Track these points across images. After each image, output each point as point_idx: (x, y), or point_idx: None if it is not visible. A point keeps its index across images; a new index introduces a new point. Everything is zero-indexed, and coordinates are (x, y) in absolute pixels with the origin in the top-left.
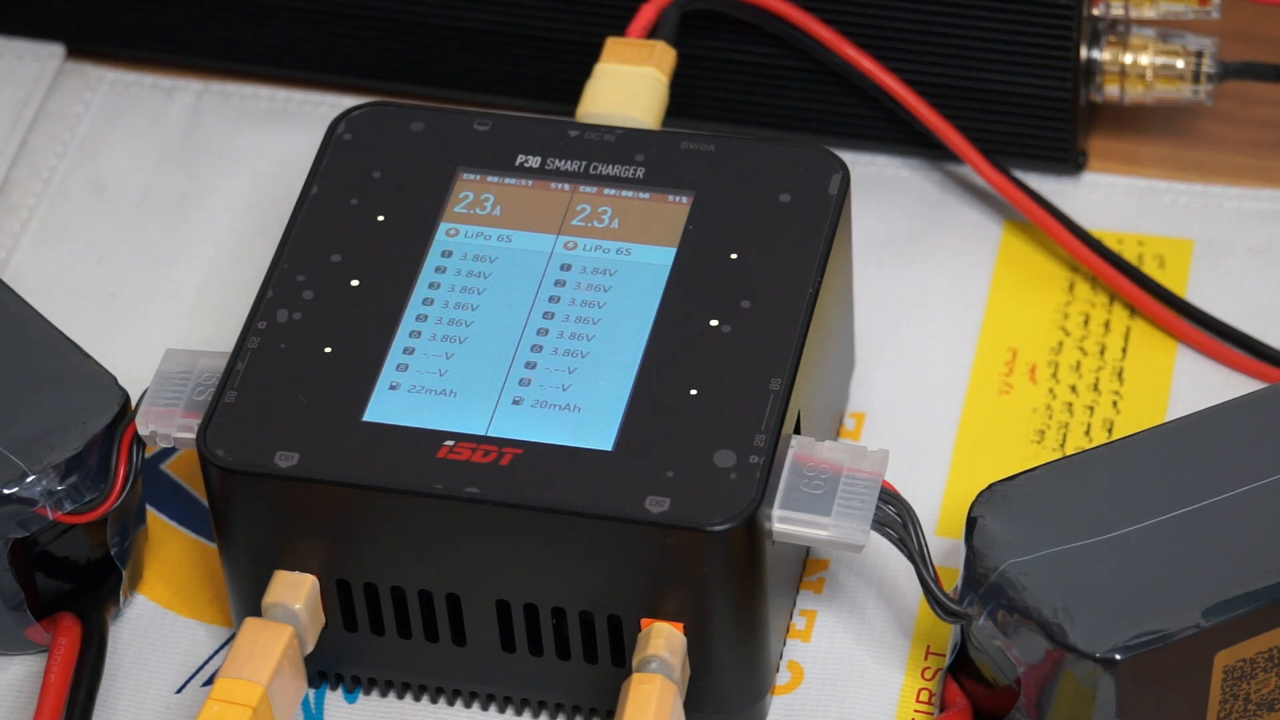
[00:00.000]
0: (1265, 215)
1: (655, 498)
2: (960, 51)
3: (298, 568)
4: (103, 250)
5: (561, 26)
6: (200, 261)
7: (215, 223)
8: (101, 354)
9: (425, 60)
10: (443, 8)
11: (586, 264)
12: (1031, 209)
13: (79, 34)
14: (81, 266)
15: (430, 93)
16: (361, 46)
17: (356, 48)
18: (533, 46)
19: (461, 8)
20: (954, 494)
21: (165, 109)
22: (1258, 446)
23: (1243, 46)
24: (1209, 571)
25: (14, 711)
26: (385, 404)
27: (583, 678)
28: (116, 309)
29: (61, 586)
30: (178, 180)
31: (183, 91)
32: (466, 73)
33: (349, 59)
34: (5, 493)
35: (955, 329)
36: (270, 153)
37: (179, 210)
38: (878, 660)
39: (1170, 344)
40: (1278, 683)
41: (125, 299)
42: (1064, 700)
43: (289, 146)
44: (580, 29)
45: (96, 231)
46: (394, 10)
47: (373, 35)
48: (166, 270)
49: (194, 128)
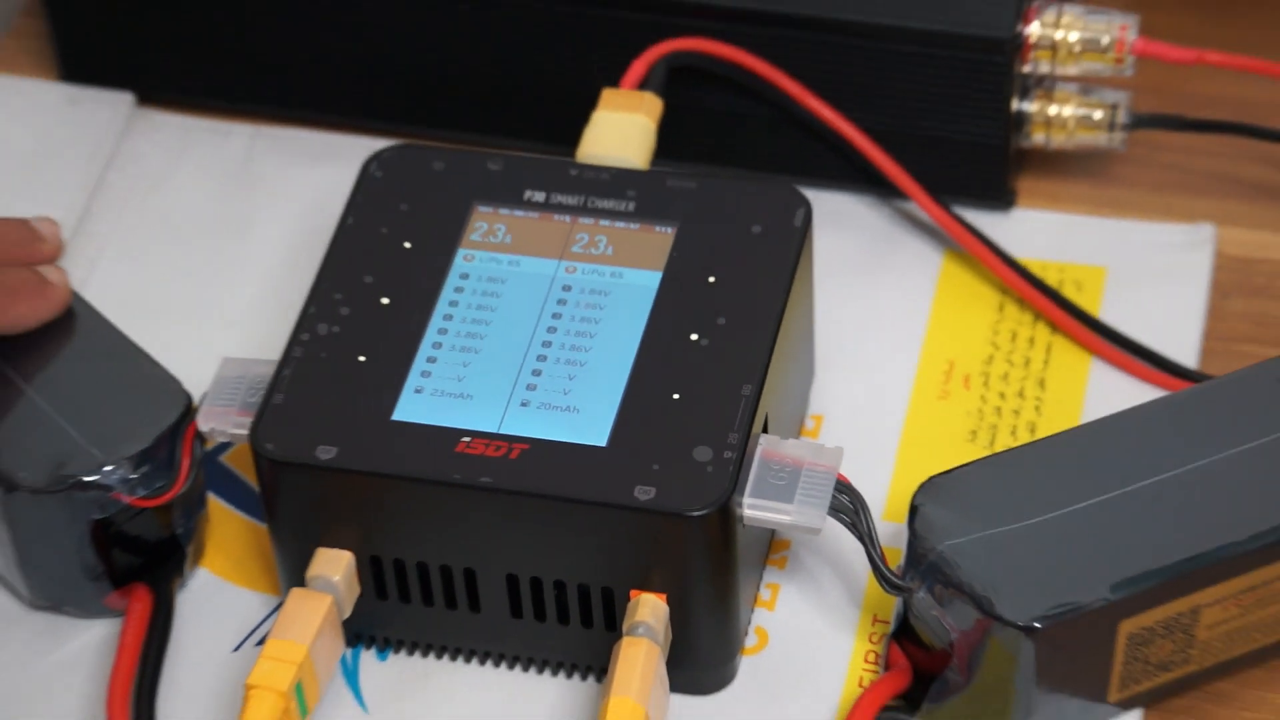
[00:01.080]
0: (1169, 247)
1: (643, 487)
2: (907, 103)
3: (336, 545)
4: (168, 271)
5: (564, 79)
6: (252, 281)
7: (264, 248)
8: (168, 361)
9: (445, 108)
10: (459, 63)
11: (584, 285)
12: (968, 240)
13: (147, 84)
14: (150, 286)
15: (450, 136)
16: (391, 96)
17: (387, 97)
18: (538, 96)
19: (476, 62)
20: (899, 485)
21: (222, 149)
22: (1161, 445)
23: (1152, 100)
24: (1117, 552)
25: (95, 667)
26: (411, 405)
27: (580, 640)
28: (180, 322)
29: (135, 561)
30: (232, 211)
31: (237, 134)
32: (481, 119)
33: (380, 107)
34: (86, 480)
35: (901, 343)
36: (312, 188)
37: (233, 237)
38: (832, 626)
39: (1085, 357)
40: (1172, 647)
41: (187, 314)
42: (990, 662)
43: (328, 182)
44: (580, 81)
45: (163, 255)
46: (418, 65)
47: (400, 86)
48: (223, 289)
49: (247, 166)
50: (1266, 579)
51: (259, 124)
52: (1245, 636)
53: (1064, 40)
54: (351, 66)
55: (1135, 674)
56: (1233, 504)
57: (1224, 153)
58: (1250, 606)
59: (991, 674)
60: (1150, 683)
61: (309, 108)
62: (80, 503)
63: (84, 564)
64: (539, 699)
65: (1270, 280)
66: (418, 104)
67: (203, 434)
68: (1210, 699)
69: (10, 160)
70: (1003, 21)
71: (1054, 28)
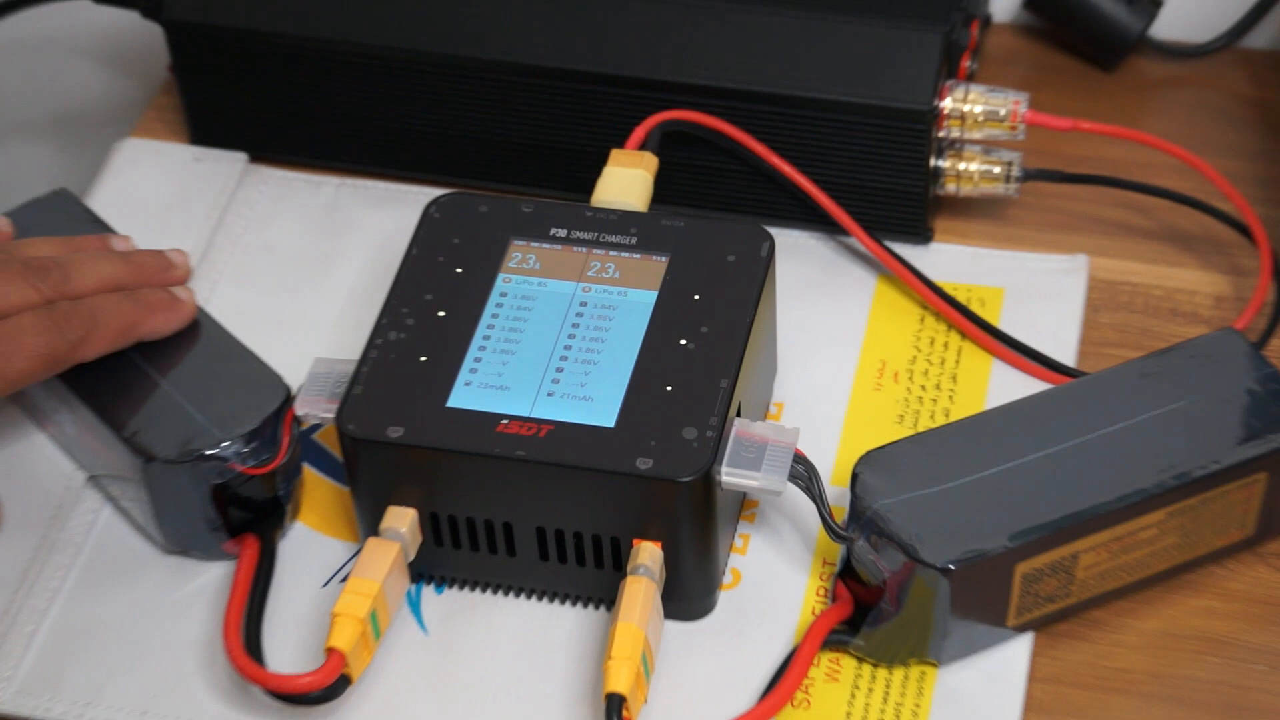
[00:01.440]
0: (1052, 272)
1: (643, 459)
2: (848, 160)
3: (403, 504)
4: (272, 292)
5: (581, 142)
6: (337, 299)
7: (347, 273)
8: (272, 361)
9: (489, 164)
10: (500, 129)
11: (597, 302)
12: (896, 267)
13: (257, 146)
14: (258, 303)
15: (492, 186)
16: (446, 155)
17: (443, 156)
18: (562, 155)
19: (513, 129)
20: (843, 457)
21: (315, 196)
22: (1048, 426)
23: (1038, 158)
24: (1014, 510)
25: (214, 599)
26: (461, 394)
27: (593, 579)
28: (281, 331)
29: (246, 516)
30: (322, 244)
31: (327, 185)
32: (517, 172)
33: (438, 163)
34: (208, 453)
35: (844, 347)
36: (385, 226)
37: (323, 265)
38: (791, 568)
39: (987, 358)
40: (1056, 584)
41: (286, 324)
42: (915, 595)
43: (397, 222)
44: (594, 143)
45: (268, 278)
46: (467, 131)
47: (454, 147)
48: (314, 305)
49: (334, 209)
50: (1130, 530)
51: (344, 177)
52: (1114, 575)
53: (970, 112)
54: (415, 132)
55: (1028, 605)
56: (1104, 472)
57: (1094, 200)
58: (1117, 552)
59: (915, 605)
60: (1040, 612)
61: (382, 164)
62: (203, 471)
63: (206, 519)
64: (561, 624)
65: (1130, 298)
66: (467, 161)
67: (299, 417)
68: (1086, 624)
69: (150, 206)
70: (923, 98)
71: (962, 102)
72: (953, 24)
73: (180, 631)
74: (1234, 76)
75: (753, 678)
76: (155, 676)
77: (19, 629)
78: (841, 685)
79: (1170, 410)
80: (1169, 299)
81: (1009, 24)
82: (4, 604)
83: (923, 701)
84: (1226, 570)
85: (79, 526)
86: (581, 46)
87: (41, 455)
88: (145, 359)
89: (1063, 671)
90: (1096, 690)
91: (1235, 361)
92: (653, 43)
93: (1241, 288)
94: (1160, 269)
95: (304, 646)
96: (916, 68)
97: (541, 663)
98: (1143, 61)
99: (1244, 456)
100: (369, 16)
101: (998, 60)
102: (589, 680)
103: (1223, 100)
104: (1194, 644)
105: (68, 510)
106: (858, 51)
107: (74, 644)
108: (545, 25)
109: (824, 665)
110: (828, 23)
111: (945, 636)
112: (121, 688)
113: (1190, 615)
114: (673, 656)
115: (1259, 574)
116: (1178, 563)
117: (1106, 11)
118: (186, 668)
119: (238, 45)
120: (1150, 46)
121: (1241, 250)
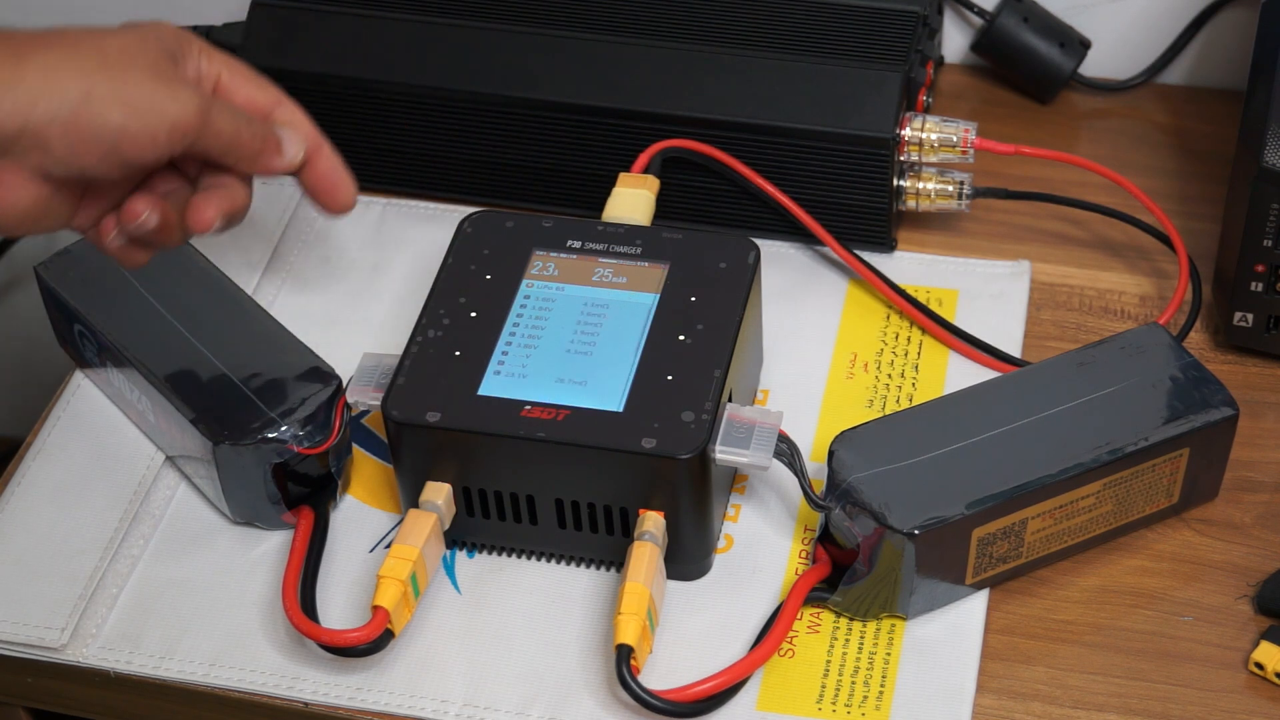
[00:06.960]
0: (1000, 276)
1: (648, 439)
2: (824, 181)
3: (440, 480)
4: (327, 295)
5: (593, 166)
6: (384, 302)
7: (392, 280)
8: (326, 355)
9: (514, 186)
10: (524, 156)
11: (606, 302)
12: (864, 272)
13: None
14: (314, 304)
15: (517, 205)
16: (478, 179)
17: (475, 179)
18: (577, 178)
19: (535, 156)
20: (821, 436)
21: (364, 215)
22: (998, 409)
23: (987, 179)
24: (971, 481)
25: (275, 563)
26: (491, 384)
27: (605, 544)
28: (334, 329)
29: (302, 491)
30: (371, 256)
31: (375, 205)
32: (538, 193)
33: (471, 186)
34: (269, 436)
35: (821, 341)
36: (425, 240)
37: (372, 273)
38: (777, 533)
39: (945, 350)
40: (1008, 546)
41: (339, 324)
42: (885, 557)
43: (436, 236)
44: (604, 168)
45: (324, 285)
46: (496, 158)
47: (484, 172)
48: (364, 307)
49: (381, 226)
50: (1072, 499)
51: (390, 198)
52: (1058, 539)
53: (927, 139)
54: (451, 159)
55: (984, 565)
56: (1048, 448)
57: (1035, 214)
58: (1061, 518)
59: (885, 565)
60: (994, 571)
61: (423, 187)
62: (265, 451)
63: (268, 493)
64: (577, 584)
65: (1068, 298)
66: (496, 184)
67: (350, 404)
68: (1034, 582)
69: None
70: (886, 127)
71: (920, 131)
72: (911, 64)
73: (245, 592)
74: (1152, 108)
75: (744, 630)
76: (223, 632)
77: (105, 590)
78: (822, 636)
79: (1104, 394)
80: (1101, 299)
81: (959, 64)
82: (92, 569)
83: (893, 650)
84: (1156, 534)
85: (159, 500)
86: (594, 85)
87: (126, 439)
88: (213, 354)
89: (1015, 624)
90: (1045, 640)
91: (1159, 352)
92: (655, 82)
93: (1163, 288)
94: (1093, 273)
95: (353, 605)
96: (880, 102)
97: (560, 617)
98: (1074, 96)
99: (1169, 434)
100: (411, 62)
101: (950, 95)
102: (601, 633)
103: (1143, 128)
104: (1129, 599)
105: (149, 486)
106: (830, 88)
107: (152, 604)
108: (563, 67)
109: (806, 619)
110: (804, 64)
111: (912, 593)
112: (193, 642)
113: (1125, 574)
114: (674, 612)
115: (1184, 537)
116: (1113, 527)
117: (1043, 54)
118: (251, 624)
119: (304, 85)
120: (1080, 83)
121: (1163, 256)
